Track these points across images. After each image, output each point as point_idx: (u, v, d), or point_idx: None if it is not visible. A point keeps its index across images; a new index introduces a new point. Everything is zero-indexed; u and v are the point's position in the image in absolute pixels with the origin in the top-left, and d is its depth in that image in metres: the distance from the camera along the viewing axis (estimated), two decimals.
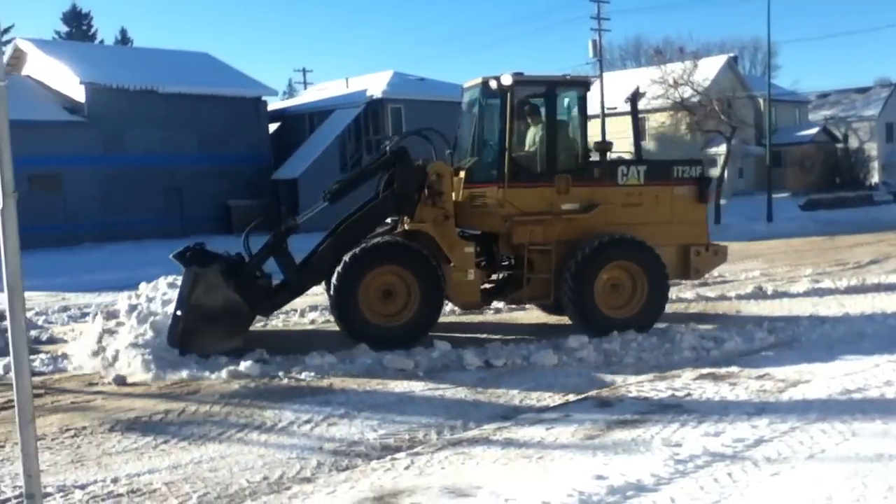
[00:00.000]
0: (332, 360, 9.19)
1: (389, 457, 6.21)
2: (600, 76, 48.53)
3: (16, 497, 5.53)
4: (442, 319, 11.72)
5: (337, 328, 10.45)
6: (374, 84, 38.41)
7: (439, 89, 39.49)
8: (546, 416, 7.13)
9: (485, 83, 10.78)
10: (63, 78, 32.53)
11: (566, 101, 11.21)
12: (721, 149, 40.29)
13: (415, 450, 6.36)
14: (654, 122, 47.51)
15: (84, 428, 7.11)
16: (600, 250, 10.37)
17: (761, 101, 46.53)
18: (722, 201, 35.23)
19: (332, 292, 10.03)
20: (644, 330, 10.39)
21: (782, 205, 38.05)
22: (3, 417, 7.55)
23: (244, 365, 8.92)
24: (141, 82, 32.68)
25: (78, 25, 64.68)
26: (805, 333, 10.35)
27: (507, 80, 10.43)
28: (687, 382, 8.11)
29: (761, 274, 16.62)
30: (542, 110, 10.94)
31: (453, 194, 10.73)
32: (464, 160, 11.02)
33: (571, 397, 7.78)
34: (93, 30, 65.74)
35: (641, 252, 10.55)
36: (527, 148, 11.12)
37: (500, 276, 11.15)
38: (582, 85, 11.18)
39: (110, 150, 31.13)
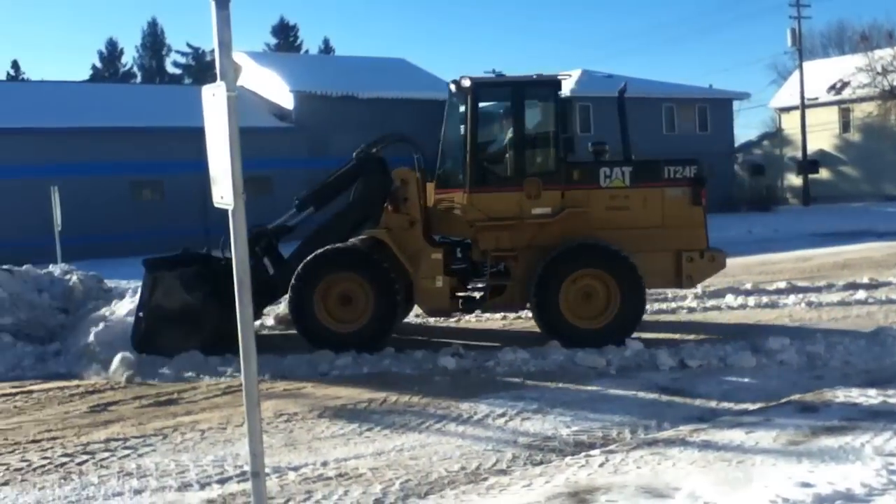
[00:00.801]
0: (525, 355, 9.31)
1: (584, 453, 6.24)
2: (800, 66, 46.18)
3: (237, 475, 5.99)
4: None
5: (528, 326, 10.55)
6: (563, 83, 38.33)
7: (629, 86, 38.85)
8: (745, 420, 6.92)
9: (449, 87, 10.54)
10: (273, 87, 34.63)
11: (536, 101, 10.74)
12: None
13: (609, 448, 6.36)
14: (859, 112, 44.57)
15: (296, 413, 7.59)
16: (565, 258, 9.85)
17: None
18: None
19: (290, 293, 10.04)
20: (618, 342, 9.67)
21: None
22: (224, 402, 8.17)
23: (441, 359, 9.25)
24: (342, 89, 34.18)
25: (286, 37, 68.82)
26: None
27: (466, 83, 10.13)
28: None
29: None
30: (510, 112, 10.52)
31: (428, 200, 10.55)
32: (439, 165, 10.76)
33: (772, 401, 7.50)
34: (299, 41, 69.79)
35: (611, 259, 9.89)
36: (494, 151, 10.76)
37: (483, 283, 10.67)
38: (552, 84, 10.54)
39: (315, 154, 32.66)
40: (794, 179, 47.73)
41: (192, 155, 14.81)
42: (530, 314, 10.58)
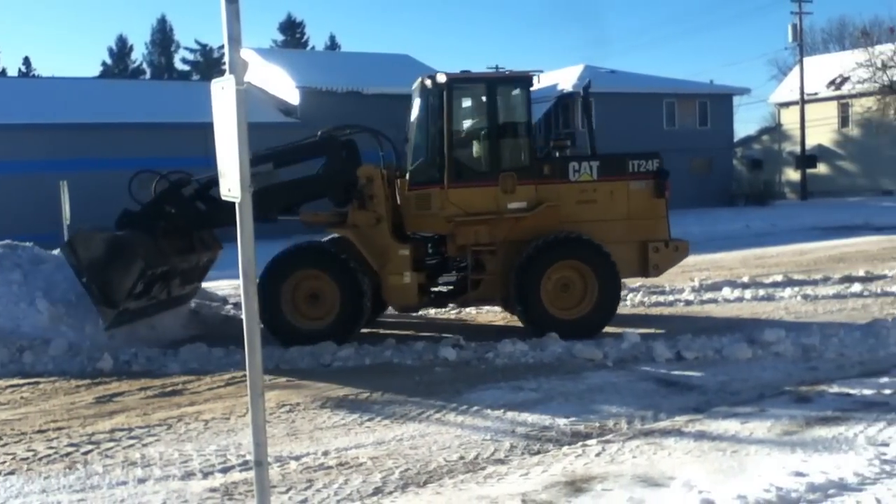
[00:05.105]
0: (524, 347, 9.40)
1: (580, 443, 6.34)
2: (800, 61, 46.21)
3: (239, 465, 6.08)
4: (630, 311, 11.73)
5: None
6: (566, 78, 38.58)
7: (630, 81, 39.00)
8: (740, 410, 7.02)
9: (423, 83, 10.59)
10: (280, 83, 34.78)
11: (509, 97, 10.82)
12: None
13: (605, 437, 6.46)
14: (858, 107, 44.63)
15: (298, 404, 7.69)
16: (545, 250, 10.02)
17: None
18: None
19: (257, 293, 10.11)
20: (594, 333, 9.96)
21: None
22: (227, 393, 8.27)
23: (441, 350, 9.35)
24: (347, 84, 34.34)
25: (292, 34, 69.00)
26: None
27: (441, 79, 10.19)
28: (894, 380, 7.72)
29: None
30: (484, 108, 10.61)
31: (397, 197, 10.62)
32: (411, 162, 10.81)
33: (767, 392, 7.61)
34: (305, 37, 70.00)
35: (588, 251, 10.14)
36: (469, 147, 10.85)
37: (455, 277, 10.84)
38: (524, 80, 10.64)
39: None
40: (793, 174, 47.80)
41: (200, 150, 14.92)
42: (498, 308, 10.62)
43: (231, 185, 4.11)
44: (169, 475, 5.93)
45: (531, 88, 10.69)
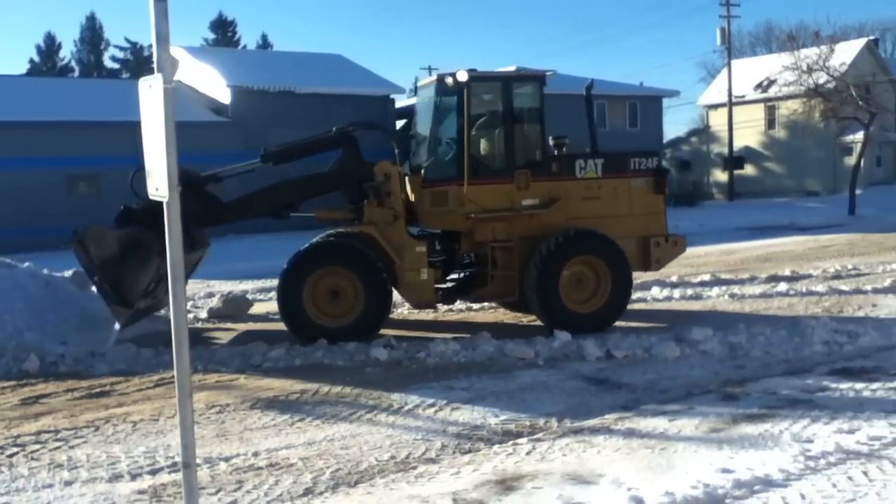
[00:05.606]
0: (456, 346, 9.42)
1: (511, 442, 6.38)
2: (728, 64, 47.23)
3: (168, 466, 5.97)
4: None
5: (460, 318, 10.67)
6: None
7: (562, 83, 39.25)
8: (669, 408, 7.14)
9: (440, 80, 10.72)
10: (211, 82, 34.23)
11: (523, 96, 11.08)
12: (858, 136, 38.50)
13: (536, 436, 6.50)
14: (785, 109, 45.71)
15: (228, 405, 7.58)
16: (565, 245, 10.28)
17: None
18: (857, 191, 33.74)
19: (278, 291, 10.13)
20: (605, 326, 10.32)
21: None
22: (156, 394, 8.11)
23: (373, 350, 9.31)
24: (280, 84, 33.97)
25: (224, 33, 67.91)
26: None
27: (462, 77, 10.32)
28: (818, 377, 7.94)
29: None
30: (500, 106, 10.82)
31: (410, 194, 10.74)
32: (421, 159, 10.94)
33: (695, 390, 7.75)
34: (237, 36, 69.00)
35: (605, 246, 10.49)
36: (486, 145, 11.05)
37: (462, 274, 11.04)
38: (537, 79, 10.99)
39: (251, 148, 31.99)
40: (721, 175, 48.81)
41: (129, 149, 14.61)
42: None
43: (159, 184, 4.03)
44: (96, 477, 5.80)
45: (544, 87, 10.99)
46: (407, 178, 10.80)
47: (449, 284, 11.00)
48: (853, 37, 47.73)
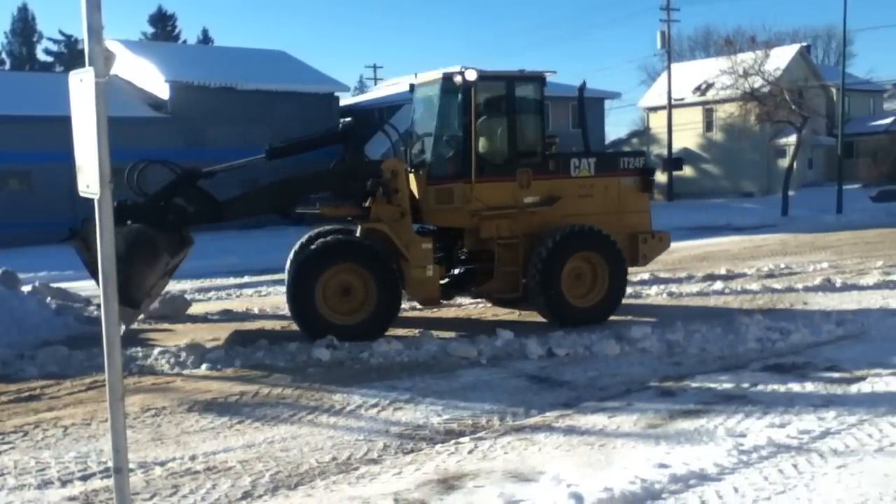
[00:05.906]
0: (399, 346, 9.39)
1: (453, 441, 6.37)
2: (668, 67, 48.00)
3: (100, 472, 5.82)
4: (506, 310, 11.88)
5: (405, 315, 10.63)
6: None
7: None
8: (608, 405, 7.21)
9: (446, 79, 10.80)
10: (149, 77, 33.59)
11: (525, 95, 11.25)
12: (791, 139, 39.42)
13: (478, 435, 6.51)
14: (722, 112, 46.71)
15: (164, 408, 7.43)
16: (567, 241, 10.55)
17: (834, 90, 45.32)
18: (790, 192, 34.53)
19: (287, 290, 10.06)
20: (603, 319, 10.69)
21: (853, 196, 37.12)
22: (88, 398, 7.91)
23: (315, 350, 9.22)
24: (220, 80, 33.50)
25: (163, 27, 66.62)
26: (875, 326, 10.18)
27: (472, 76, 10.41)
28: (752, 373, 8.11)
29: (830, 266, 16.27)
30: (504, 105, 10.96)
31: (415, 191, 10.79)
32: (423, 156, 11.03)
33: (634, 387, 7.84)
34: (177, 31, 67.73)
35: (604, 242, 10.82)
36: (490, 143, 11.17)
37: (459, 270, 11.17)
38: (539, 80, 11.21)
39: (191, 145, 31.87)
40: (660, 176, 49.51)
41: (62, 145, 14.26)
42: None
43: (89, 180, 3.92)
44: (24, 484, 5.63)
45: (544, 87, 11.20)
46: (411, 175, 10.82)
47: (445, 280, 11.10)
48: (787, 43, 48.86)
